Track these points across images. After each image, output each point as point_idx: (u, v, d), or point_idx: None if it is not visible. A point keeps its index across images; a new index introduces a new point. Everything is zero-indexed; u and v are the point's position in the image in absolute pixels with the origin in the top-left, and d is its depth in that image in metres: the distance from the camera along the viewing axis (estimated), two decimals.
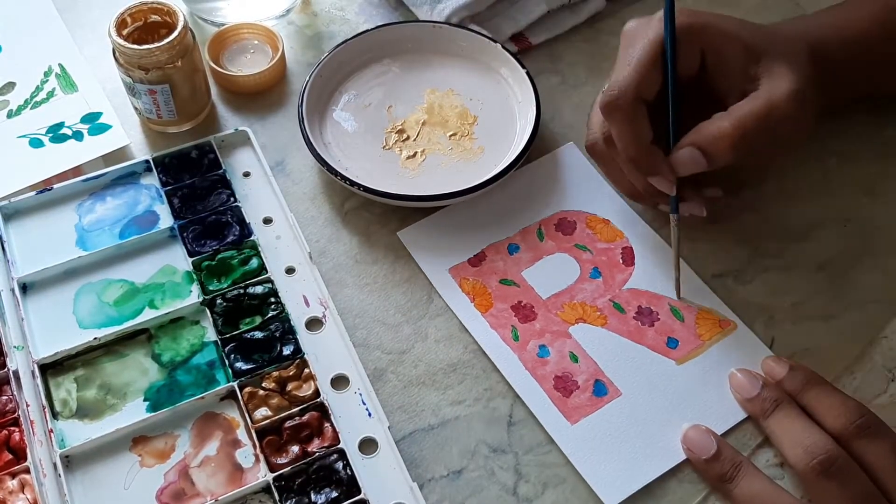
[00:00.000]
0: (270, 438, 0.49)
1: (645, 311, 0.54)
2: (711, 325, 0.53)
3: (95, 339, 0.52)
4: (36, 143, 0.61)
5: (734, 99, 0.50)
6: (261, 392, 0.50)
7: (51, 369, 0.52)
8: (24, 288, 0.55)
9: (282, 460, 0.48)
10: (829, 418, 0.47)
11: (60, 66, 0.65)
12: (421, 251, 0.57)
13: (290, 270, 0.56)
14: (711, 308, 0.54)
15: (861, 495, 0.44)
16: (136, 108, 0.62)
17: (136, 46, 0.56)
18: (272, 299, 0.54)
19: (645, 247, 0.56)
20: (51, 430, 0.49)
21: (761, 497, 0.46)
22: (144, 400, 0.51)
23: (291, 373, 0.51)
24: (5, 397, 0.50)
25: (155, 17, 0.59)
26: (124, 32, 0.58)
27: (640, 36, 0.51)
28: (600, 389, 0.51)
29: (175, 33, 0.57)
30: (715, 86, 0.52)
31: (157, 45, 0.56)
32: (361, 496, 0.47)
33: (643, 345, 0.53)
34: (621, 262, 0.56)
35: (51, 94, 0.64)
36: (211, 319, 0.53)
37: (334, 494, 0.47)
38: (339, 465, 0.48)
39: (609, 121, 0.51)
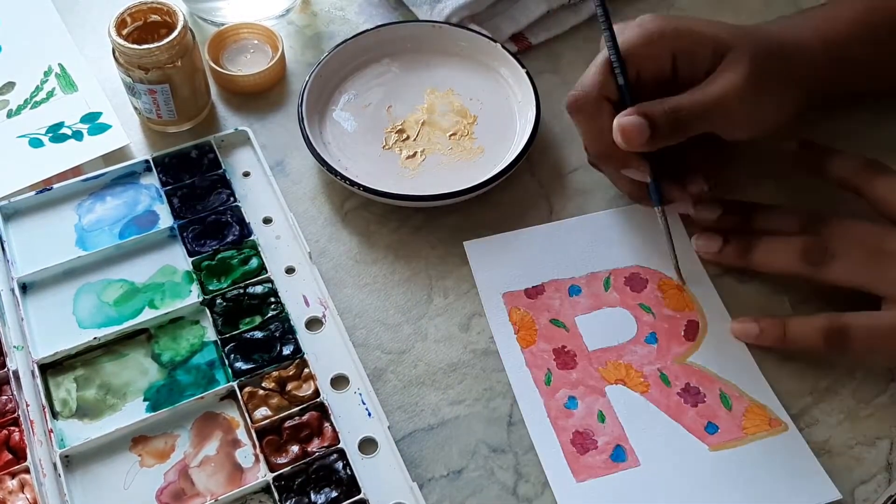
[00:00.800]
0: (270, 438, 0.49)
1: (693, 389, 0.51)
2: (760, 420, 0.50)
3: (95, 338, 0.52)
4: (36, 142, 0.61)
5: None
6: (261, 392, 0.50)
7: (50, 369, 0.52)
8: (24, 288, 0.55)
9: (282, 460, 0.48)
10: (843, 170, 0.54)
11: (60, 65, 0.65)
12: (482, 266, 0.55)
13: (289, 270, 0.56)
14: (765, 404, 0.50)
15: (860, 228, 0.51)
16: (135, 108, 0.62)
17: (135, 46, 0.56)
18: (272, 299, 0.54)
19: (713, 325, 0.53)
20: (50, 430, 0.49)
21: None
22: (144, 400, 0.51)
23: (291, 373, 0.51)
24: (5, 397, 0.50)
25: (155, 17, 0.59)
26: (124, 32, 0.58)
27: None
28: (619, 455, 0.48)
29: (175, 33, 0.57)
30: (687, 86, 0.52)
31: (157, 44, 0.56)
32: (361, 496, 0.47)
33: (680, 423, 0.50)
34: (683, 334, 0.53)
35: (51, 94, 0.64)
36: (211, 319, 0.53)
37: (334, 494, 0.47)
38: (339, 464, 0.48)
39: (575, 120, 0.54)
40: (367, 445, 0.49)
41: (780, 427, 0.50)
